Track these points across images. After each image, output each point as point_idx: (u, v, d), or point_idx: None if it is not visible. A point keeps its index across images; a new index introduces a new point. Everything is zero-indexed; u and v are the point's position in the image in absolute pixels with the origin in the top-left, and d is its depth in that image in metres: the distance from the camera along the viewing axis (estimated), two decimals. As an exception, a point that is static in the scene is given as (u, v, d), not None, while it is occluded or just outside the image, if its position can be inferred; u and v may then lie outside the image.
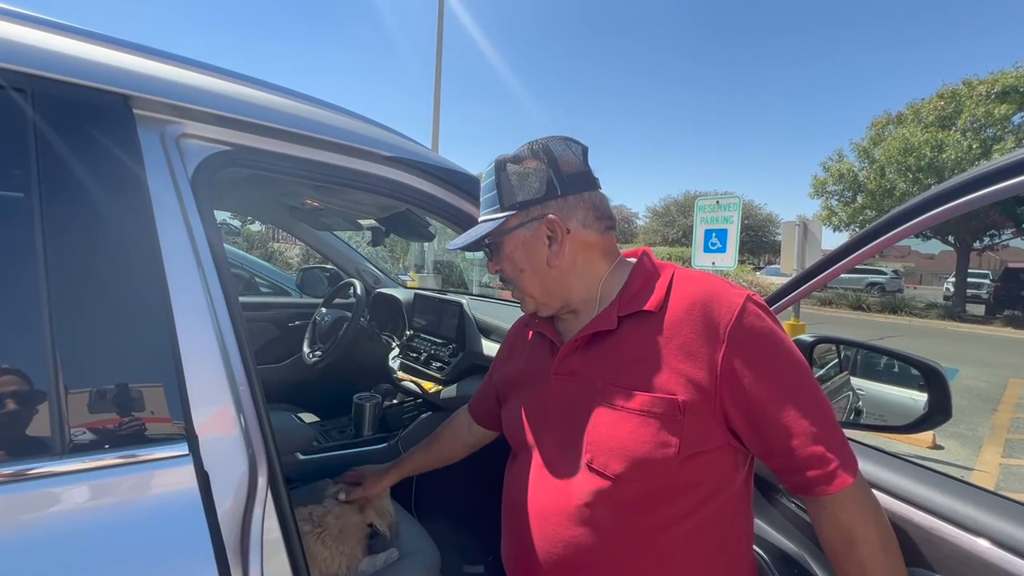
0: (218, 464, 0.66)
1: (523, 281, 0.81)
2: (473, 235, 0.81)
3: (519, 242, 0.79)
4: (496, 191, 0.79)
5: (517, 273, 0.81)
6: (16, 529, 0.56)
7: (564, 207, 0.77)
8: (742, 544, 0.78)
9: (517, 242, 0.79)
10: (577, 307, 0.82)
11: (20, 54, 0.63)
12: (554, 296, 0.81)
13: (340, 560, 1.12)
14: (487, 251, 0.84)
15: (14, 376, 0.58)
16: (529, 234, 0.78)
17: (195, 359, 0.67)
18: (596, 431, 0.72)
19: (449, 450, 1.14)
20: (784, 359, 0.69)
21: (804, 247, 6.15)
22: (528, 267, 0.79)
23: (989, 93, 14.07)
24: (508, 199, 0.78)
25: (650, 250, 0.85)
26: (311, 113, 0.92)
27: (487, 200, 0.81)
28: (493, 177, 0.80)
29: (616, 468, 0.70)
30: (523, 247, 0.79)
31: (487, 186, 0.81)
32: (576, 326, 0.81)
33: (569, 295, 0.81)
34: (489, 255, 0.84)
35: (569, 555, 0.73)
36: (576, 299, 0.81)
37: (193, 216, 0.73)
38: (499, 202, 0.78)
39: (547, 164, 0.77)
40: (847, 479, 0.65)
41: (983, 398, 6.00)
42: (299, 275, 2.91)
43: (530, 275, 0.80)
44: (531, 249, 0.79)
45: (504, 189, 0.78)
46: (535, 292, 0.81)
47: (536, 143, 0.79)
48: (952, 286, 18.41)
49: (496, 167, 0.80)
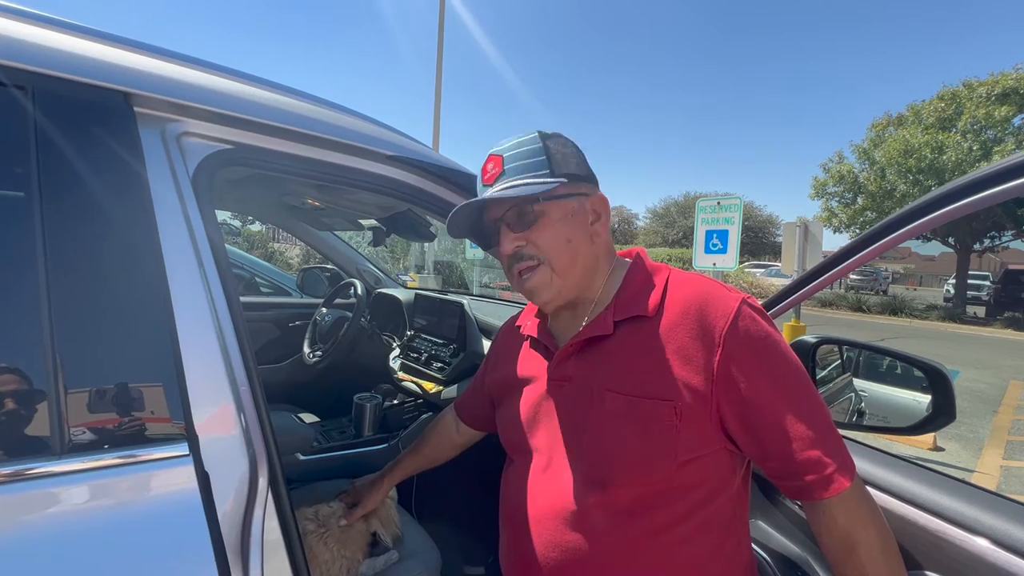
0: (218, 464, 0.66)
1: (560, 257, 0.76)
2: (522, 190, 0.73)
3: (568, 211, 0.76)
4: (545, 156, 0.75)
5: (559, 246, 0.75)
6: (16, 529, 0.55)
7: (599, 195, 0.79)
8: (740, 547, 0.77)
9: (567, 211, 0.76)
10: (581, 302, 0.81)
11: (21, 51, 0.63)
12: (577, 281, 0.78)
13: (341, 563, 1.11)
14: (515, 221, 0.77)
15: (14, 375, 0.58)
16: (578, 206, 0.77)
17: (196, 359, 0.67)
18: (592, 436, 0.72)
19: (438, 452, 1.14)
20: (780, 363, 0.69)
21: (805, 248, 6.14)
22: (575, 238, 0.76)
23: (989, 95, 14.08)
24: (560, 167, 0.75)
25: (644, 251, 0.85)
26: (312, 112, 0.92)
27: (530, 165, 0.75)
28: (539, 144, 0.76)
29: (612, 472, 0.69)
30: (572, 218, 0.76)
31: (529, 152, 0.76)
32: (572, 326, 0.81)
33: (587, 282, 0.79)
34: (517, 225, 0.77)
35: (566, 559, 0.72)
36: (585, 293, 0.80)
37: (194, 215, 0.72)
38: (549, 167, 0.75)
39: (582, 153, 0.79)
40: (844, 483, 0.65)
41: (984, 400, 5.99)
42: (299, 275, 2.91)
43: (573, 249, 0.76)
44: (580, 222, 0.77)
45: (555, 157, 0.76)
46: (566, 270, 0.76)
47: (558, 134, 0.80)
48: (952, 288, 18.43)
49: (540, 136, 0.77)
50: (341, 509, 1.17)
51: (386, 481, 1.15)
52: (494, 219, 0.79)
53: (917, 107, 15.95)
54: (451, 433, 1.12)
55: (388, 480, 1.15)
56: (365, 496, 1.16)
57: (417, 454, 1.14)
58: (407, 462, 1.14)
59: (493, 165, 0.78)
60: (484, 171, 0.79)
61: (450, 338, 1.91)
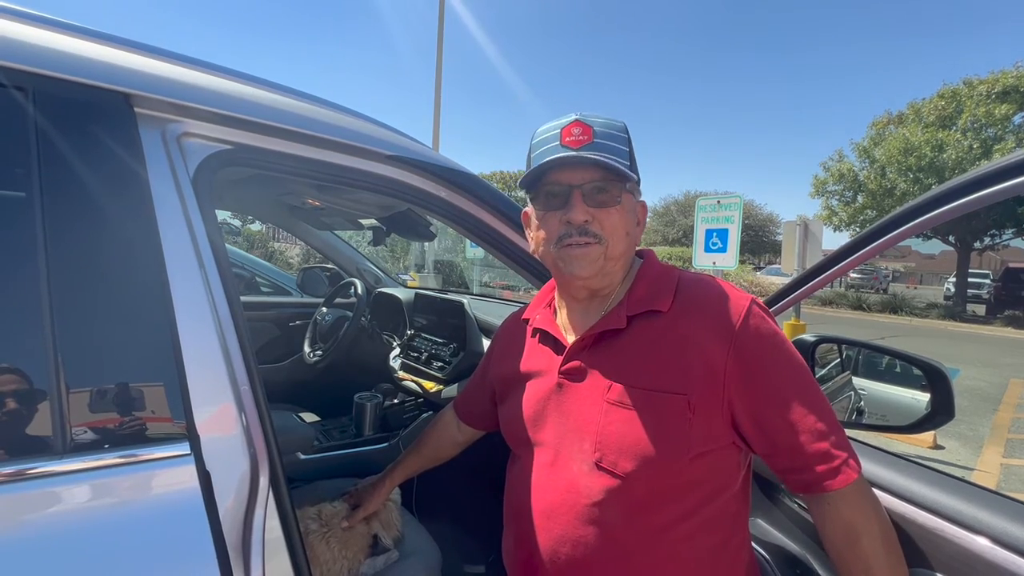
0: (220, 464, 0.66)
1: (617, 244, 0.76)
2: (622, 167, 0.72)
3: (632, 206, 0.78)
4: (629, 148, 0.76)
5: (619, 234, 0.75)
6: (17, 529, 0.56)
7: None
8: (743, 545, 0.78)
9: (632, 205, 0.78)
10: (599, 295, 0.81)
11: (21, 52, 0.63)
12: (618, 272, 0.80)
13: (342, 564, 1.12)
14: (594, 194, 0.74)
15: (15, 375, 0.58)
16: (633, 205, 0.79)
17: (196, 358, 0.67)
18: (605, 430, 0.72)
19: (439, 451, 1.14)
20: (788, 360, 0.71)
21: (805, 247, 6.14)
22: (630, 232, 0.78)
23: (989, 93, 14.06)
24: (634, 168, 0.77)
25: (652, 251, 0.86)
26: (312, 112, 0.92)
27: (617, 148, 0.73)
28: (626, 134, 0.76)
29: (626, 467, 0.70)
30: (631, 213, 0.78)
31: (619, 136, 0.74)
32: (583, 320, 0.81)
33: (619, 278, 0.81)
34: (593, 200, 0.74)
35: (578, 554, 0.73)
36: (611, 285, 0.80)
37: (194, 215, 0.72)
38: (630, 159, 0.75)
39: None
40: (852, 474, 0.67)
41: (984, 398, 6.00)
42: (300, 275, 2.91)
43: (624, 240, 0.77)
44: (633, 220, 0.79)
45: (633, 155, 0.77)
46: (615, 257, 0.76)
47: None
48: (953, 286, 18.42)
49: (626, 128, 0.76)
50: (344, 509, 1.17)
51: (387, 482, 1.15)
52: (567, 183, 0.74)
53: (917, 105, 15.92)
54: (452, 432, 1.12)
55: (389, 481, 1.15)
56: (367, 498, 1.16)
57: (418, 454, 1.14)
58: (408, 462, 1.14)
59: (581, 131, 0.73)
60: (567, 132, 0.73)
61: (450, 337, 1.91)
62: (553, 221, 0.76)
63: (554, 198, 0.76)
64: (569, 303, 0.85)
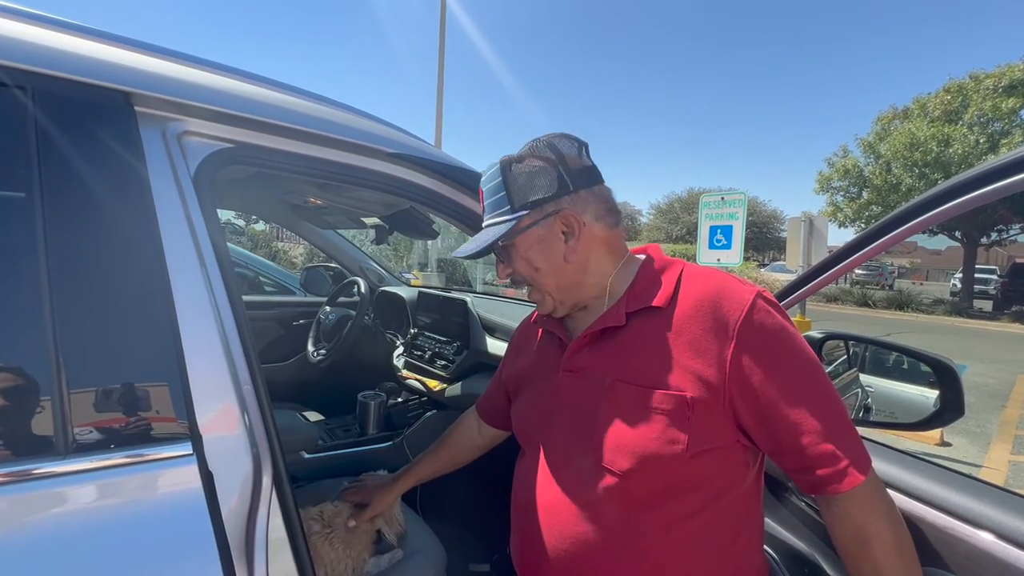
0: (222, 463, 0.66)
1: (540, 280, 0.79)
2: (484, 240, 0.79)
3: (534, 241, 0.78)
4: (505, 192, 0.77)
5: (533, 273, 0.79)
6: (21, 530, 0.56)
7: (577, 202, 0.76)
8: (753, 543, 0.77)
9: (532, 241, 0.78)
10: (589, 304, 0.81)
11: (21, 51, 0.63)
12: (570, 293, 0.80)
13: (346, 563, 1.11)
14: (498, 254, 0.82)
15: (17, 375, 0.58)
16: (544, 231, 0.77)
17: (199, 358, 0.67)
18: (604, 427, 0.72)
19: (459, 454, 1.12)
20: (794, 356, 0.69)
21: (810, 243, 6.12)
22: (544, 265, 0.78)
23: (996, 87, 13.92)
24: (519, 199, 0.76)
25: (658, 247, 0.85)
26: (314, 110, 0.91)
27: (494, 203, 0.79)
28: (499, 179, 0.78)
29: (624, 464, 0.69)
30: (538, 245, 0.77)
31: (492, 189, 0.79)
32: (586, 322, 0.81)
33: (583, 292, 0.80)
34: (500, 258, 0.82)
35: (578, 551, 0.73)
36: (589, 296, 0.80)
37: (195, 214, 0.72)
38: (509, 203, 0.77)
39: (555, 160, 0.76)
40: (858, 477, 0.65)
41: (991, 395, 5.95)
42: (303, 274, 2.92)
43: (547, 273, 0.78)
44: (547, 247, 0.77)
45: (513, 190, 0.77)
46: (552, 290, 0.80)
47: (539, 141, 0.78)
48: (959, 282, 18.29)
49: (501, 168, 0.78)
50: (347, 509, 1.16)
51: (399, 485, 1.12)
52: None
53: (923, 100, 15.77)
54: (472, 435, 1.11)
55: (402, 484, 1.12)
56: (376, 498, 1.13)
57: (435, 458, 1.12)
58: (424, 465, 1.12)
59: (480, 199, 0.83)
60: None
61: (454, 335, 1.91)
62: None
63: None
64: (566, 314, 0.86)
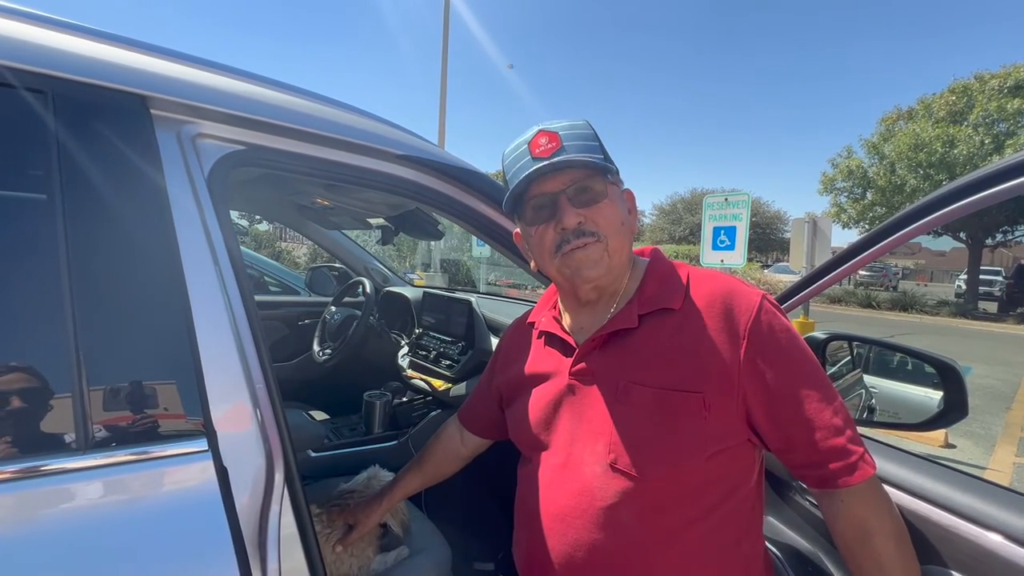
0: (236, 460, 0.67)
1: (616, 237, 0.74)
2: (598, 161, 0.72)
3: (619, 196, 0.77)
4: (599, 142, 0.75)
5: (616, 227, 0.74)
6: (41, 524, 0.57)
7: None
8: (757, 543, 0.78)
9: (619, 195, 0.77)
10: (608, 294, 0.80)
11: (39, 56, 0.64)
12: (621, 267, 0.78)
13: (351, 562, 1.12)
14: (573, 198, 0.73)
15: (38, 373, 0.59)
16: (622, 193, 0.79)
17: (213, 356, 0.68)
18: (619, 431, 0.71)
19: (442, 467, 1.08)
20: (801, 356, 0.71)
21: (814, 244, 6.10)
22: (626, 222, 0.77)
23: (1001, 87, 13.87)
24: (609, 159, 0.76)
25: (659, 249, 0.85)
26: (324, 112, 0.92)
27: (588, 146, 0.73)
28: (592, 130, 0.76)
29: (643, 467, 0.69)
30: (620, 203, 0.77)
31: (586, 134, 0.74)
32: (591, 321, 0.81)
33: (624, 271, 0.80)
34: (576, 200, 0.73)
35: (592, 558, 0.72)
36: (618, 280, 0.79)
37: (209, 215, 0.73)
38: (603, 152, 0.74)
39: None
40: (869, 470, 0.67)
41: (996, 396, 5.93)
42: (308, 274, 2.93)
43: (620, 234, 0.75)
44: (623, 209, 0.77)
45: (604, 148, 0.76)
46: (615, 251, 0.75)
47: None
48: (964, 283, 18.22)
49: (590, 124, 0.76)
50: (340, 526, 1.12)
51: (385, 502, 1.08)
52: (550, 192, 0.74)
53: (928, 100, 15.72)
54: (455, 446, 1.08)
55: (387, 501, 1.08)
56: (360, 519, 1.09)
57: (420, 471, 1.08)
58: (408, 480, 1.08)
59: (548, 140, 0.73)
60: (535, 144, 0.73)
61: (458, 335, 1.92)
62: (547, 232, 0.75)
63: (542, 210, 0.75)
64: (574, 307, 0.84)
